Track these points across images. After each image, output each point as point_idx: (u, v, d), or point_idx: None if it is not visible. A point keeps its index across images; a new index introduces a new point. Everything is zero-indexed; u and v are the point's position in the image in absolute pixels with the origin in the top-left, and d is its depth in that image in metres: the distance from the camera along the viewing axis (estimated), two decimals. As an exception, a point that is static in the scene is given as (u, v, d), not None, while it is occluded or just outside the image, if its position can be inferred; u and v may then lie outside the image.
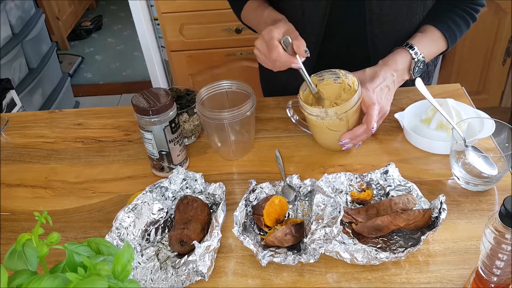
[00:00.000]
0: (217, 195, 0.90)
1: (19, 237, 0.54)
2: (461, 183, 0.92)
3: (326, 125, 0.95)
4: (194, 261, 0.76)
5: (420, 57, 1.01)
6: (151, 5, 2.47)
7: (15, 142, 1.18)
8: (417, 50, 1.01)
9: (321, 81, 1.01)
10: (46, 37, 2.79)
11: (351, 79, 0.98)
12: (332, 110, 0.92)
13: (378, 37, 1.06)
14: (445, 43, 1.06)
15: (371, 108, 0.94)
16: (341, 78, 0.99)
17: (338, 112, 0.92)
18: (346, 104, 0.92)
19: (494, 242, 0.62)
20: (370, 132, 0.95)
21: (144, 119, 0.92)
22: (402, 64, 1.01)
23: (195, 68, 2.46)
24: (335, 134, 0.97)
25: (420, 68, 1.03)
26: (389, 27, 1.05)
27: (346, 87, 1.00)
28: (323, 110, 0.93)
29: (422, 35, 1.04)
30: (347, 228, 0.85)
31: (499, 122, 0.93)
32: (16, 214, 0.97)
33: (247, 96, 1.00)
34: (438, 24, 1.05)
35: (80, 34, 3.94)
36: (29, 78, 2.53)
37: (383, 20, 1.03)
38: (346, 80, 0.99)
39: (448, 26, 1.05)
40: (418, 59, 1.01)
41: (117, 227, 0.82)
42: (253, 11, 1.12)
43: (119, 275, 0.53)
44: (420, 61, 1.02)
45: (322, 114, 0.93)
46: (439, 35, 1.05)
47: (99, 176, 1.05)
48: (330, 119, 0.93)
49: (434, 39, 1.05)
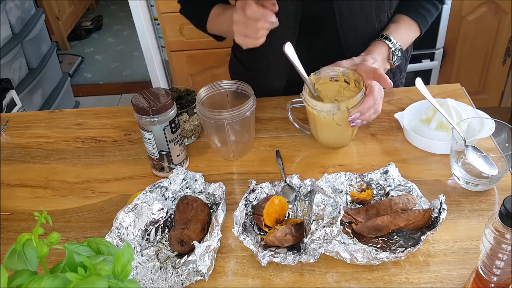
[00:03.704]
0: (217, 195, 0.90)
1: (19, 237, 0.54)
2: (461, 183, 0.92)
3: (336, 121, 0.95)
4: (194, 261, 0.76)
5: (397, 46, 1.05)
6: (151, 5, 2.47)
7: (15, 142, 1.18)
8: (393, 40, 1.05)
9: (319, 80, 1.01)
10: (46, 37, 2.79)
11: (351, 76, 0.99)
12: (344, 104, 0.93)
13: (351, 39, 1.09)
14: (418, 28, 1.11)
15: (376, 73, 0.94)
16: (338, 75, 1.00)
17: (349, 106, 0.93)
18: (356, 97, 0.93)
19: (494, 242, 0.62)
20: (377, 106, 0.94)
21: (144, 119, 0.92)
22: (381, 55, 1.04)
23: (195, 68, 2.46)
24: (342, 130, 0.98)
25: (398, 57, 1.07)
26: (360, 27, 1.08)
27: (343, 84, 1.00)
28: (335, 105, 0.94)
29: (395, 25, 1.08)
30: (347, 228, 0.85)
31: (499, 122, 0.93)
32: (16, 214, 0.97)
33: (247, 96, 1.00)
34: (409, 12, 1.10)
35: (80, 34, 3.94)
36: (29, 78, 2.53)
37: (353, 22, 1.06)
38: (343, 77, 1.00)
39: (418, 12, 1.10)
40: (395, 48, 1.05)
41: (117, 227, 0.82)
42: (220, 16, 1.12)
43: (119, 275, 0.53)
44: (398, 49, 1.05)
45: (334, 109, 0.94)
46: (411, 22, 1.09)
47: (99, 176, 1.05)
48: (341, 114, 0.94)
49: (407, 27, 1.09)
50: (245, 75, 1.16)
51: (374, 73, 0.95)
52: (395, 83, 1.27)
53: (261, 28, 0.92)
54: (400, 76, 1.27)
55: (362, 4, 1.04)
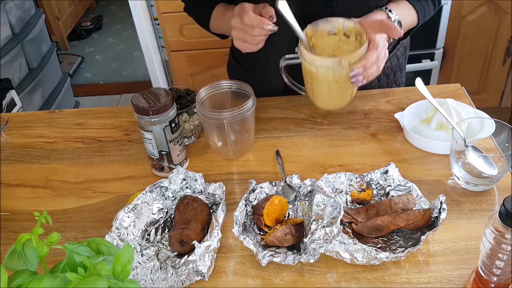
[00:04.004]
0: (217, 195, 0.90)
1: (19, 237, 0.54)
2: (461, 183, 0.92)
3: (336, 78, 0.88)
4: (194, 261, 0.76)
5: (396, 17, 1.01)
6: (151, 5, 2.47)
7: (15, 142, 1.18)
8: (393, 11, 1.01)
9: (316, 33, 0.95)
10: (46, 37, 2.79)
11: (351, 29, 0.93)
12: (345, 59, 0.86)
13: None
14: (416, 16, 1.08)
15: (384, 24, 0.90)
16: (337, 28, 0.94)
17: (351, 61, 0.86)
18: (360, 51, 0.87)
19: (494, 242, 0.62)
20: (380, 62, 0.90)
21: (144, 119, 0.92)
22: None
23: (195, 68, 2.46)
24: (341, 88, 0.92)
25: None
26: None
27: (343, 38, 0.94)
28: (336, 59, 0.86)
29: (395, 4, 1.05)
30: (347, 228, 0.85)
31: (499, 122, 0.93)
32: (16, 214, 0.97)
33: (247, 96, 1.00)
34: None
35: (80, 34, 3.94)
36: (29, 78, 2.53)
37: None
38: (343, 30, 0.94)
39: (419, 2, 1.08)
40: (394, 18, 1.01)
41: (117, 227, 0.82)
42: (221, 16, 1.12)
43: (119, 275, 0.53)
44: (397, 21, 1.01)
45: (335, 64, 0.86)
46: (411, 7, 1.07)
47: (99, 176, 1.05)
48: (342, 70, 0.87)
49: (407, 10, 1.07)
50: (244, 76, 1.16)
51: (381, 24, 0.90)
52: (395, 83, 1.27)
53: (258, 35, 0.93)
54: (400, 75, 1.27)
55: (361, 4, 1.04)
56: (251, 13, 0.92)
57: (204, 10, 1.16)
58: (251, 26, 0.92)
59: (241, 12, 0.93)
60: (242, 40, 0.96)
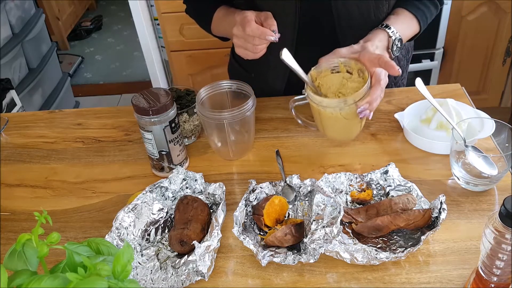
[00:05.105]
0: (217, 195, 0.90)
1: (19, 237, 0.54)
2: (461, 183, 0.92)
3: (344, 116, 0.92)
4: (194, 261, 0.76)
5: (397, 35, 1.02)
6: (151, 5, 2.47)
7: (15, 142, 1.18)
8: (393, 29, 1.02)
9: (320, 74, 0.98)
10: (46, 37, 2.79)
11: (353, 66, 0.95)
12: (351, 98, 0.89)
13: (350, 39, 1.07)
14: (418, 24, 1.09)
15: (382, 60, 0.91)
16: (340, 67, 0.97)
17: (356, 99, 0.89)
18: (363, 88, 0.89)
19: (494, 242, 0.62)
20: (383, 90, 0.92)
21: (144, 119, 0.92)
22: (381, 42, 1.01)
23: (195, 68, 2.46)
24: (350, 124, 0.95)
25: (398, 47, 1.04)
26: (358, 28, 1.06)
27: (346, 75, 0.97)
28: (342, 100, 0.90)
29: (395, 17, 1.06)
30: (347, 228, 0.85)
31: (499, 122, 0.93)
32: (16, 214, 0.97)
33: (247, 96, 1.00)
34: (409, 7, 1.08)
35: (80, 34, 3.94)
36: (29, 78, 2.53)
37: (351, 22, 1.06)
38: (345, 68, 0.97)
39: (418, 8, 1.08)
40: (395, 37, 1.02)
41: (117, 227, 0.82)
42: (223, 18, 1.12)
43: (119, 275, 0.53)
44: (398, 39, 1.03)
45: (341, 104, 0.90)
46: (411, 16, 1.08)
47: (99, 176, 1.05)
48: (349, 108, 0.90)
49: (407, 20, 1.07)
50: (245, 77, 1.16)
51: (379, 60, 0.91)
52: (396, 84, 1.27)
53: (260, 45, 0.96)
54: (401, 77, 1.27)
55: (359, 5, 1.04)
56: (253, 24, 0.94)
57: (205, 13, 1.16)
58: (253, 36, 0.94)
59: (243, 21, 0.95)
60: (244, 48, 0.98)
